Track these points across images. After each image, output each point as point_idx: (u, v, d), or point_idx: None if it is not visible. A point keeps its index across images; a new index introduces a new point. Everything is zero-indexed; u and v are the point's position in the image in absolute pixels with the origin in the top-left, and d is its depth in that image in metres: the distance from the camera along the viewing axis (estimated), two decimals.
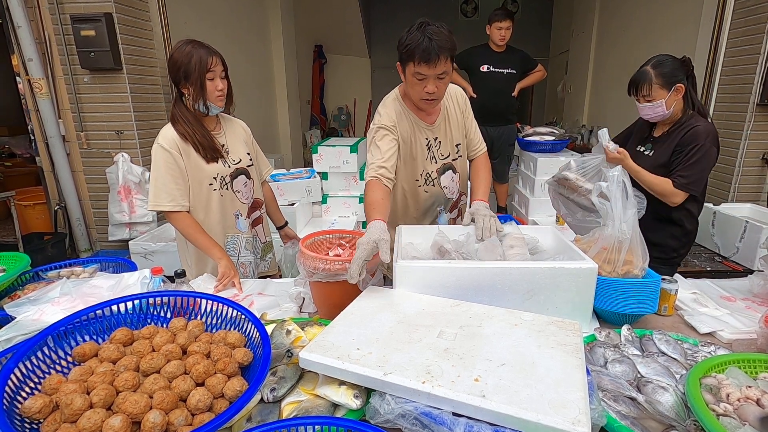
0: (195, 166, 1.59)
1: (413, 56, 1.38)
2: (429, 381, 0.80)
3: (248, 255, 1.79)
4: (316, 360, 0.88)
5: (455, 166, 1.73)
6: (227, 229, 1.70)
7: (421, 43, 1.36)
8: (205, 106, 1.55)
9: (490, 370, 0.83)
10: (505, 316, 1.06)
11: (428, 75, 1.41)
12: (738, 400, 0.81)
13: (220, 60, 1.53)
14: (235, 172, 1.68)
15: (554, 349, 0.91)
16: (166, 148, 1.54)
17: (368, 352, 0.90)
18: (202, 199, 1.63)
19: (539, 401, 0.74)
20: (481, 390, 0.77)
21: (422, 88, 1.44)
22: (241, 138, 1.75)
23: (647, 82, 1.67)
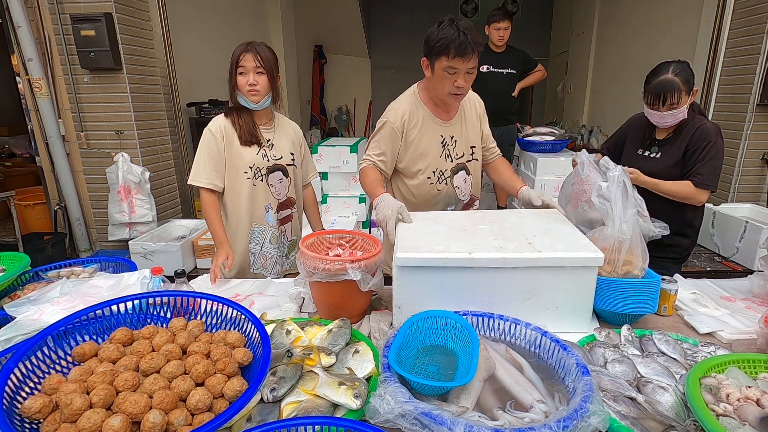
0: (235, 154, 1.70)
1: (448, 50, 1.41)
2: (502, 251, 1.15)
3: (271, 249, 1.84)
4: (415, 256, 1.15)
5: (469, 168, 1.73)
6: (254, 218, 1.78)
7: (456, 38, 1.40)
8: (235, 99, 1.67)
9: (533, 238, 1.22)
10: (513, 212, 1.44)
11: (460, 69, 1.44)
12: (738, 401, 0.81)
13: (255, 56, 1.61)
14: (273, 167, 1.76)
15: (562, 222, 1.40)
16: (213, 131, 1.68)
17: (447, 246, 1.18)
18: (236, 185, 1.72)
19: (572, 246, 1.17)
20: (536, 248, 1.16)
21: (452, 82, 1.47)
22: (289, 138, 1.83)
23: (676, 91, 1.64)
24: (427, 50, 1.49)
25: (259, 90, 1.63)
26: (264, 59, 1.62)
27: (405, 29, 8.30)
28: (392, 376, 0.85)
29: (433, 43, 1.45)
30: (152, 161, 3.50)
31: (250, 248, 1.80)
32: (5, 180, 4.64)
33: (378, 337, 1.19)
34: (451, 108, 1.66)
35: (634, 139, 1.91)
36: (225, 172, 1.71)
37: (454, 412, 0.80)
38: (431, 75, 1.53)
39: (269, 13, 6.02)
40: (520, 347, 1.07)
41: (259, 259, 1.83)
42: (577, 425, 0.73)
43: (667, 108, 1.67)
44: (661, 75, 1.67)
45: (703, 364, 0.92)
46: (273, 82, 1.67)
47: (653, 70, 1.72)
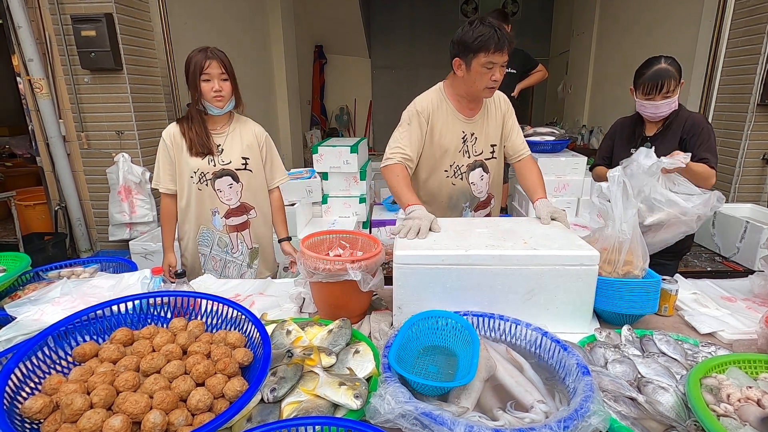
0: (183, 160, 1.75)
1: (488, 46, 1.45)
2: (498, 249, 1.17)
3: (220, 252, 1.87)
4: (412, 254, 1.17)
5: (487, 166, 1.75)
6: (201, 221, 1.83)
7: (493, 34, 1.45)
8: (202, 105, 1.68)
9: (529, 240, 1.24)
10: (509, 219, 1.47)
11: (498, 63, 1.49)
12: (738, 401, 0.81)
13: (219, 63, 1.62)
14: (221, 172, 1.77)
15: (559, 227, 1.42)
16: (164, 139, 1.76)
17: (445, 245, 1.21)
18: (184, 189, 1.79)
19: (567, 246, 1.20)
20: (531, 246, 1.18)
21: (490, 77, 1.51)
22: (245, 142, 1.80)
23: (672, 78, 1.68)
24: (462, 49, 1.51)
25: (224, 96, 1.67)
26: (227, 66, 1.66)
27: (405, 29, 8.31)
28: (392, 376, 0.85)
29: (470, 41, 1.47)
30: (152, 161, 3.46)
31: (199, 249, 1.86)
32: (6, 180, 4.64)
33: (378, 337, 1.19)
34: (475, 105, 1.68)
35: (622, 140, 1.94)
36: (176, 176, 1.78)
37: (454, 412, 0.80)
38: (466, 73, 1.55)
39: (269, 13, 6.02)
40: (520, 347, 1.07)
41: (209, 261, 1.87)
42: (577, 425, 0.73)
43: (663, 97, 1.70)
44: (655, 65, 1.71)
45: (703, 364, 0.92)
46: (236, 87, 1.71)
47: (644, 63, 1.76)
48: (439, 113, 1.65)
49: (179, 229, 1.87)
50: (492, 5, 7.84)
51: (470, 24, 1.50)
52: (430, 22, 8.20)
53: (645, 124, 1.87)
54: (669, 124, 1.80)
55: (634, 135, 1.89)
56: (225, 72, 1.65)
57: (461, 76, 1.57)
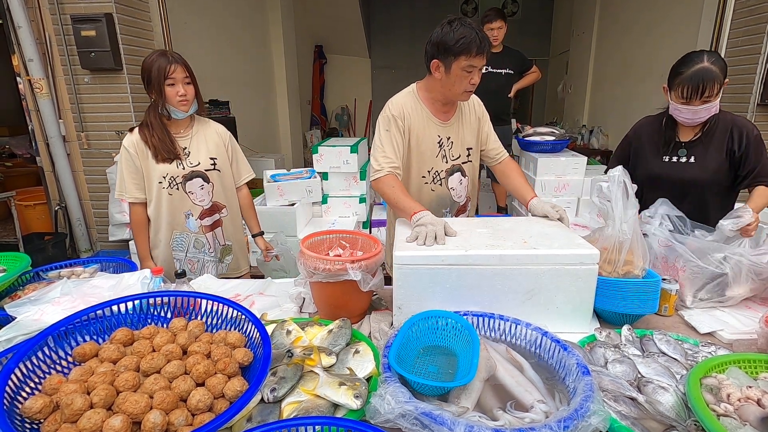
0: (150, 167, 1.73)
1: (470, 49, 1.40)
2: (497, 248, 1.17)
3: (197, 254, 1.87)
4: (412, 254, 1.16)
5: (464, 170, 1.72)
6: (175, 226, 1.81)
7: (475, 37, 1.40)
8: (166, 109, 1.68)
9: (528, 239, 1.23)
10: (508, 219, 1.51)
11: (477, 66, 1.45)
12: (738, 401, 0.81)
13: (183, 67, 1.64)
14: (190, 174, 1.76)
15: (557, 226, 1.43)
16: (127, 147, 1.72)
17: (444, 245, 1.21)
18: (154, 195, 1.77)
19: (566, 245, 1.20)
20: (531, 246, 1.18)
21: (469, 80, 1.48)
22: (210, 143, 1.82)
23: (716, 81, 1.47)
24: (442, 51, 1.45)
25: (188, 100, 1.67)
26: (190, 70, 1.67)
27: (405, 29, 8.31)
28: (393, 376, 0.85)
29: (451, 44, 1.42)
30: None
31: (174, 255, 1.85)
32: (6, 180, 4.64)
33: (378, 337, 1.19)
34: (450, 108, 1.64)
35: (650, 145, 1.74)
36: (143, 184, 1.76)
37: (454, 412, 0.80)
38: (444, 76, 1.50)
39: (269, 13, 6.02)
40: (520, 347, 1.07)
41: (185, 264, 1.86)
42: (577, 425, 0.73)
43: (702, 101, 1.50)
44: (697, 64, 1.49)
45: (703, 364, 0.92)
46: (198, 90, 1.72)
47: (682, 60, 1.55)
48: (415, 117, 1.60)
49: (155, 238, 1.84)
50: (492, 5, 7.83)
51: (449, 24, 1.44)
52: (430, 22, 8.17)
53: (678, 128, 1.67)
54: (710, 130, 1.60)
55: (666, 140, 1.69)
56: (188, 76, 1.66)
57: (439, 79, 1.52)
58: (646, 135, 1.77)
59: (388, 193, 1.52)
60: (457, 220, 1.53)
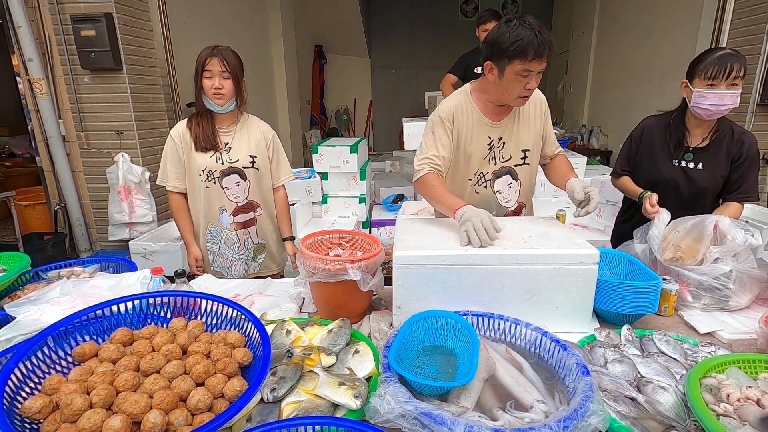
0: (192, 157, 1.76)
1: (526, 53, 1.29)
2: (497, 248, 1.17)
3: (227, 250, 1.88)
4: (413, 254, 1.16)
5: (516, 172, 1.59)
6: (209, 219, 1.84)
7: (533, 39, 1.28)
8: (201, 102, 1.70)
9: (528, 239, 1.24)
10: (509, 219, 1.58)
11: (534, 71, 1.34)
12: (738, 401, 0.81)
13: (221, 61, 1.63)
14: (228, 170, 1.78)
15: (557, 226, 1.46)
16: (173, 137, 1.77)
17: (444, 245, 1.20)
18: (193, 187, 1.81)
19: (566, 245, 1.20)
20: (531, 246, 1.18)
21: (524, 85, 1.37)
22: (252, 141, 1.82)
23: (740, 63, 1.45)
24: (496, 52, 1.35)
25: (224, 93, 1.67)
26: (230, 64, 1.66)
27: (405, 29, 8.31)
28: (392, 376, 0.85)
29: (505, 45, 1.31)
30: (152, 161, 3.50)
31: (208, 247, 1.87)
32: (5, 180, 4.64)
33: (378, 337, 1.19)
34: (505, 109, 1.54)
35: (659, 147, 1.70)
36: (184, 173, 1.80)
37: (454, 412, 0.80)
38: (497, 79, 1.40)
39: (269, 13, 6.02)
40: (520, 347, 1.07)
41: (218, 258, 1.89)
42: (577, 425, 0.73)
43: (729, 84, 1.47)
44: (721, 51, 1.49)
45: (703, 364, 0.92)
46: (238, 86, 1.71)
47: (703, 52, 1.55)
48: (464, 118, 1.52)
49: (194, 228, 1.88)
50: (492, 5, 7.84)
51: (507, 24, 1.33)
52: (429, 21, 8.21)
53: (689, 132, 1.64)
54: (718, 137, 1.59)
55: (677, 143, 1.66)
56: (227, 70, 1.64)
57: (492, 81, 1.42)
58: (653, 136, 1.73)
59: (430, 193, 1.46)
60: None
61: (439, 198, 1.42)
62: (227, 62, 1.65)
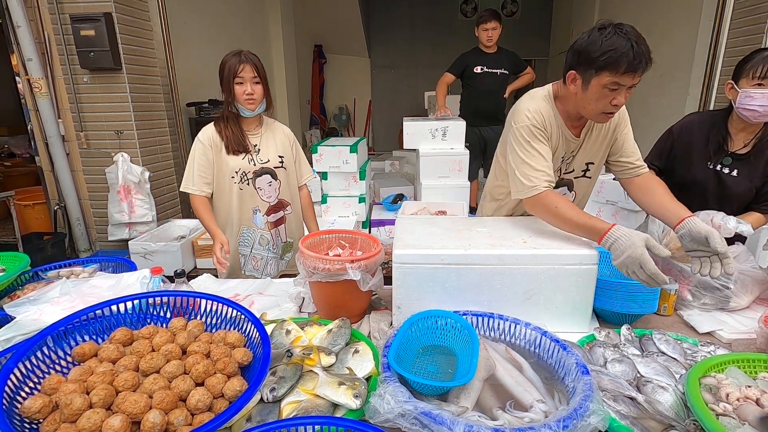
0: (223, 161, 1.77)
1: (618, 65, 1.14)
2: (497, 248, 1.17)
3: (261, 251, 1.90)
4: (412, 253, 1.16)
5: (574, 184, 1.51)
6: (243, 221, 1.85)
7: (629, 50, 1.13)
8: (235, 107, 1.73)
9: (528, 239, 1.24)
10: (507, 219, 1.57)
11: (625, 85, 1.19)
12: (737, 400, 0.81)
13: (252, 67, 1.67)
14: (260, 171, 1.82)
15: None
16: (202, 140, 1.76)
17: (443, 245, 1.20)
18: (225, 190, 1.81)
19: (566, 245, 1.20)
20: (531, 246, 1.18)
21: (610, 100, 1.21)
22: (278, 142, 1.89)
23: None
24: (583, 62, 1.21)
25: (255, 99, 1.70)
26: (260, 69, 1.70)
27: (405, 29, 8.31)
28: (392, 376, 0.85)
29: (596, 55, 1.16)
30: (152, 161, 3.50)
31: (240, 250, 1.88)
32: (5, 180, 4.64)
33: (378, 336, 1.19)
34: (583, 122, 1.40)
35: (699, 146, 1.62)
36: (213, 178, 1.79)
37: (453, 411, 0.80)
38: (581, 91, 1.25)
39: (269, 13, 6.03)
40: (519, 347, 1.07)
41: (250, 261, 1.89)
42: (576, 425, 0.73)
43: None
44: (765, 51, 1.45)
45: (702, 363, 0.92)
46: (267, 90, 1.75)
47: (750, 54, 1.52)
48: (552, 129, 1.37)
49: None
50: (492, 5, 7.84)
51: (600, 30, 1.17)
52: (429, 21, 8.21)
53: (731, 136, 1.57)
54: (762, 145, 1.52)
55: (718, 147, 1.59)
56: (257, 75, 1.69)
57: (574, 93, 1.28)
58: (693, 134, 1.65)
59: (552, 213, 1.27)
60: (457, 219, 1.53)
61: (574, 218, 1.22)
62: (258, 68, 1.69)
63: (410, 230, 1.34)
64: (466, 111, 3.87)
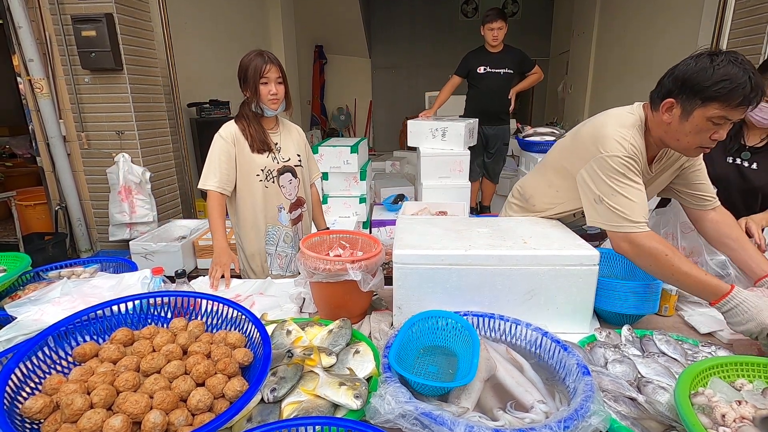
0: (247, 159, 1.77)
1: (731, 97, 1.03)
2: (498, 248, 1.17)
3: (286, 248, 1.92)
4: (412, 253, 1.16)
5: None
6: (269, 219, 1.86)
7: (746, 82, 1.02)
8: (259, 107, 1.74)
9: (529, 239, 1.24)
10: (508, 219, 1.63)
11: (732, 119, 1.08)
12: (734, 421, 0.79)
13: (277, 68, 1.71)
14: (283, 169, 1.85)
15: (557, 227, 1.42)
16: (224, 137, 1.75)
17: (444, 245, 1.20)
18: (250, 189, 1.81)
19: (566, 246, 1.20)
20: (532, 246, 1.18)
21: (710, 134, 1.11)
22: (294, 140, 1.92)
23: None
24: (688, 90, 1.09)
25: (279, 99, 1.73)
26: (283, 71, 1.74)
27: (405, 29, 8.31)
28: (393, 377, 0.85)
29: (706, 84, 1.05)
30: (153, 161, 3.50)
31: (266, 249, 1.89)
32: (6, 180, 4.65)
33: (378, 337, 1.19)
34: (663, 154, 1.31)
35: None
36: (236, 176, 1.78)
37: (454, 412, 0.80)
38: (678, 122, 1.13)
39: (270, 13, 6.03)
40: (520, 347, 1.07)
41: (275, 259, 1.91)
42: (577, 425, 0.73)
43: None
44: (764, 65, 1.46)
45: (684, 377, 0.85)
46: (288, 91, 1.78)
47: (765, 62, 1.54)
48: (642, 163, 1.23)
49: (246, 233, 1.86)
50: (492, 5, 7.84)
51: (710, 58, 1.06)
52: (430, 21, 8.21)
53: (747, 130, 1.60)
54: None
55: (734, 140, 1.61)
56: (281, 76, 1.72)
57: (668, 123, 1.16)
58: None
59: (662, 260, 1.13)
60: (458, 219, 1.53)
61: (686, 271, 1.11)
62: (281, 69, 1.73)
63: (411, 230, 1.34)
64: (471, 110, 3.87)
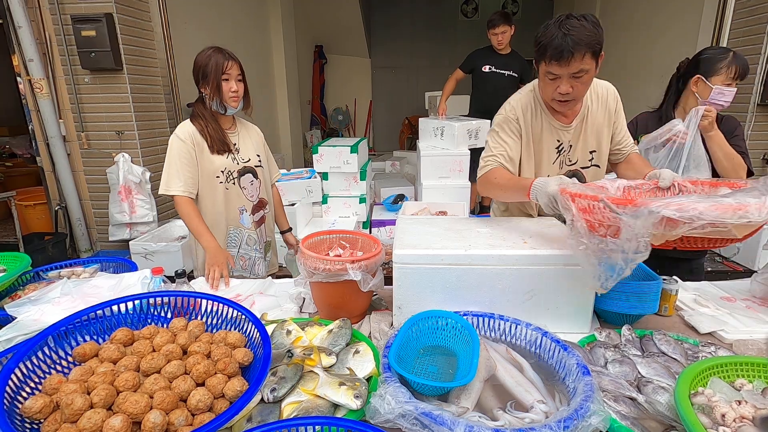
0: (206, 160, 1.71)
1: (544, 54, 1.25)
2: (498, 248, 1.16)
3: (249, 250, 1.88)
4: (412, 253, 1.15)
5: (583, 175, 1.52)
6: (230, 221, 1.81)
7: (554, 40, 1.21)
8: (221, 105, 1.68)
9: (529, 239, 1.23)
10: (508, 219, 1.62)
11: (561, 74, 1.26)
12: (734, 421, 0.79)
13: (237, 65, 1.67)
14: (243, 170, 1.79)
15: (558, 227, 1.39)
16: (182, 138, 1.67)
17: (443, 245, 1.19)
18: (210, 191, 1.75)
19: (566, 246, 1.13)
20: (532, 246, 1.18)
21: (554, 88, 1.30)
22: (253, 140, 1.87)
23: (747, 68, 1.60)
24: (535, 51, 1.32)
25: (239, 96, 1.69)
26: (242, 68, 1.70)
27: (405, 29, 8.31)
28: (393, 376, 0.85)
29: (535, 46, 1.29)
30: (153, 161, 3.50)
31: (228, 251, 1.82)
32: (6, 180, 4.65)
33: (378, 337, 1.19)
34: (571, 110, 1.44)
35: None
36: (197, 178, 1.71)
37: (454, 412, 0.80)
38: (539, 80, 1.38)
39: (270, 13, 6.02)
40: (520, 347, 1.07)
41: (237, 261, 1.87)
42: (577, 425, 0.73)
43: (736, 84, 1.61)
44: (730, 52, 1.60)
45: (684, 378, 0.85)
46: (247, 89, 1.74)
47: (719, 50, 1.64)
48: (532, 119, 1.43)
49: None
50: (492, 5, 7.84)
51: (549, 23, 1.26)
52: (430, 21, 8.21)
53: None
54: None
55: None
56: (241, 73, 1.69)
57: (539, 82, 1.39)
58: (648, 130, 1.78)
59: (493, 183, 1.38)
60: (458, 219, 1.53)
61: (506, 185, 1.33)
62: (241, 66, 1.69)
63: (411, 230, 1.34)
64: (475, 110, 3.88)
